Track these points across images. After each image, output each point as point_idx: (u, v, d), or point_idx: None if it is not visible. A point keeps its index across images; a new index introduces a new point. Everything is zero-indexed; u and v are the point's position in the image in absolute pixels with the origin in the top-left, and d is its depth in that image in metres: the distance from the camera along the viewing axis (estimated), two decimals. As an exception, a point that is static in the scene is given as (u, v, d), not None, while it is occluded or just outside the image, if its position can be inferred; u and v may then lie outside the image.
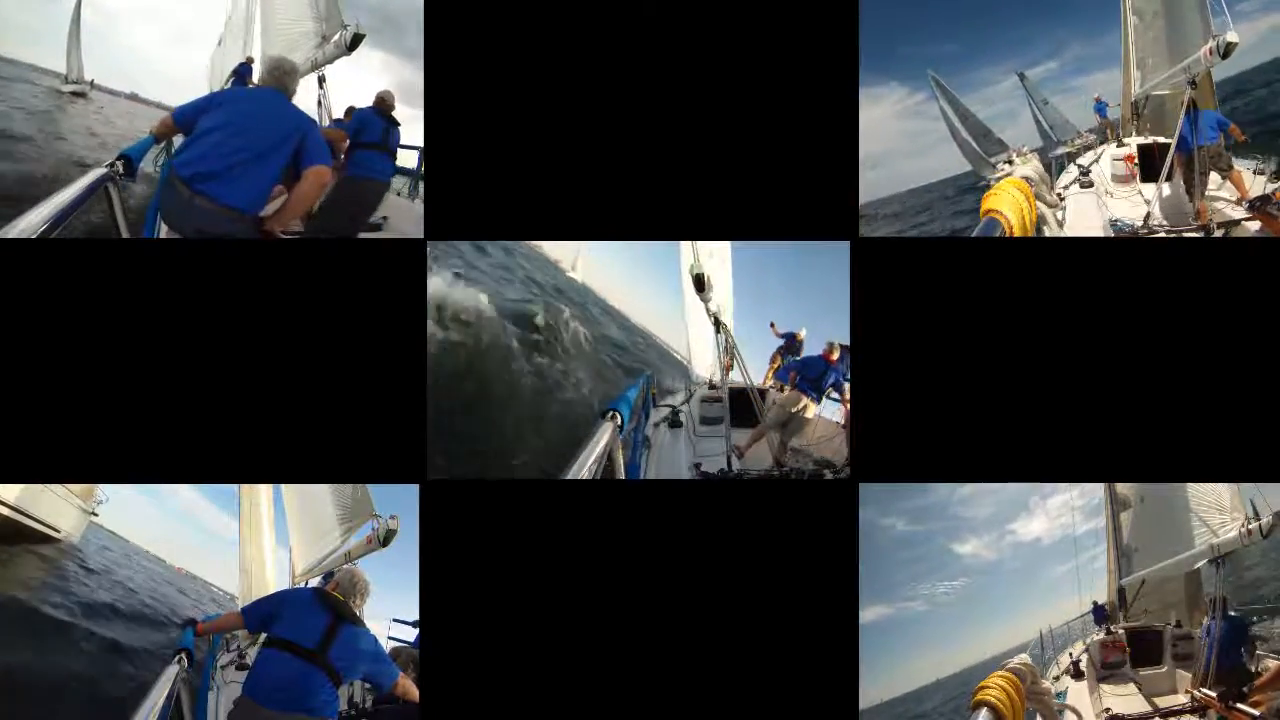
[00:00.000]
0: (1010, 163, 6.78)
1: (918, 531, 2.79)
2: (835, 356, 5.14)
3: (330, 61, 4.69)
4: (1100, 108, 6.43)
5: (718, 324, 4.34)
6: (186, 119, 3.28)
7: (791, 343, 6.91)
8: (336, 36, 4.62)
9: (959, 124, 6.78)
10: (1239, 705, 3.43)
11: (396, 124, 4.51)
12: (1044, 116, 7.01)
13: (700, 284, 3.57)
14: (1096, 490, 5.17)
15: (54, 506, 5.79)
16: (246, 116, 3.22)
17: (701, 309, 4.49)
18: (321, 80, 4.74)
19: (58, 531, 5.77)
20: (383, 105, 4.50)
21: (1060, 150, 6.65)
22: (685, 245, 3.76)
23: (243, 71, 5.82)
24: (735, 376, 5.28)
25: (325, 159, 3.28)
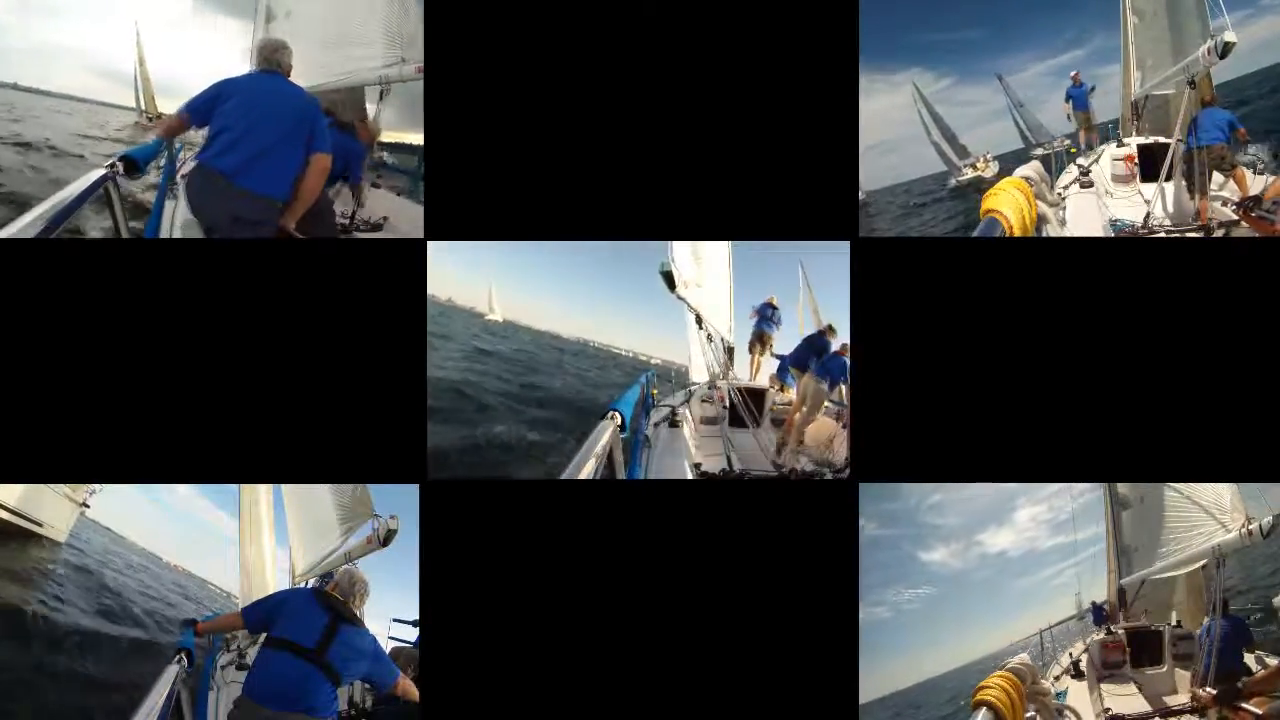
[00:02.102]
0: (974, 167, 6.85)
1: (885, 536, 2.80)
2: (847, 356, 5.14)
3: (403, 81, 4.66)
4: (1078, 94, 6.27)
5: (699, 320, 4.34)
6: (201, 112, 3.42)
7: (766, 312, 6.91)
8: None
9: (932, 126, 6.82)
10: (1243, 705, 3.43)
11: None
12: (1021, 119, 7.05)
13: (670, 282, 3.56)
14: (1066, 506, 5.19)
15: (43, 500, 5.70)
16: (263, 104, 3.37)
17: (709, 309, 4.50)
18: (382, 95, 4.73)
19: (40, 525, 5.70)
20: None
21: (1036, 153, 6.67)
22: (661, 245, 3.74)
23: None
24: (734, 376, 5.29)
25: (327, 146, 3.44)
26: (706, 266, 4.15)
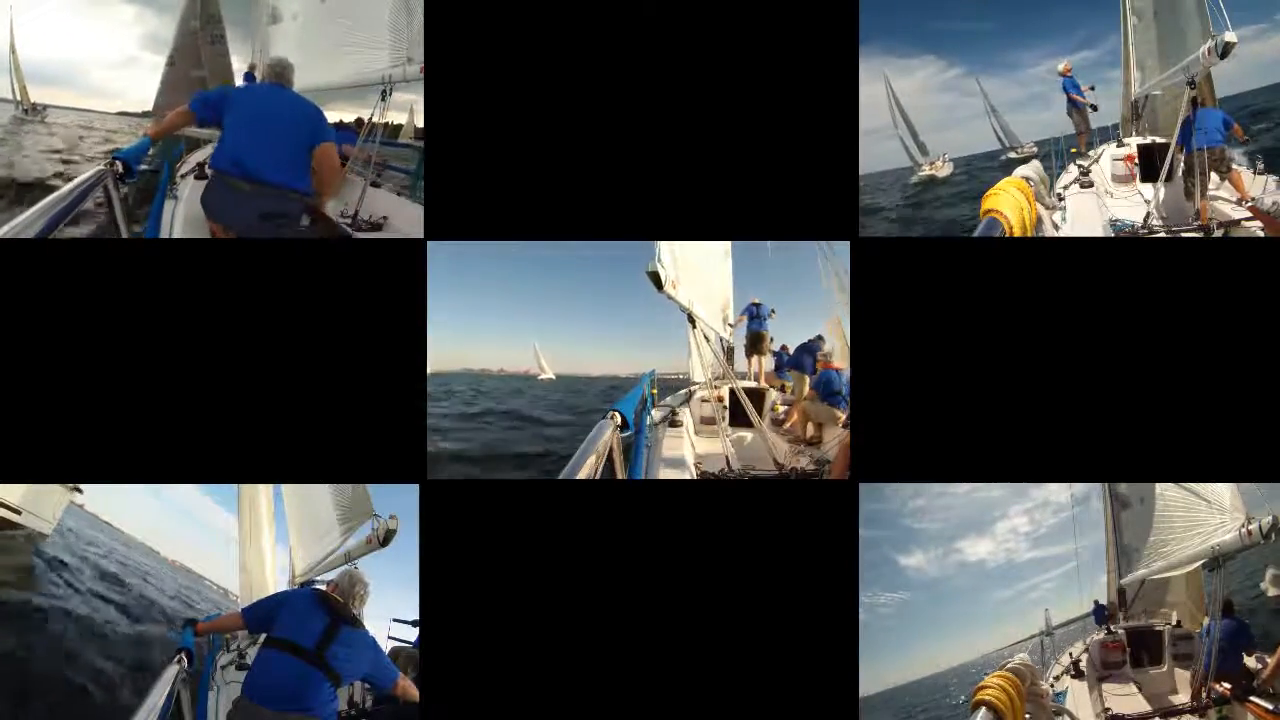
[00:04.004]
0: (932, 165, 6.91)
1: (865, 537, 2.83)
2: (838, 363, 5.21)
3: (407, 81, 4.70)
4: (1071, 86, 6.21)
5: (692, 320, 4.33)
6: (205, 109, 3.62)
7: (751, 311, 6.93)
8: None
9: (900, 120, 6.85)
10: (1254, 699, 3.44)
11: None
12: (996, 123, 7.10)
13: (657, 282, 3.57)
14: (1047, 520, 5.20)
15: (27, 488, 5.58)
16: (270, 107, 3.60)
17: (701, 309, 4.49)
18: (385, 94, 4.76)
19: (18, 514, 5.60)
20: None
21: (1007, 157, 6.75)
22: (662, 246, 3.72)
23: (247, 77, 5.85)
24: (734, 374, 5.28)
25: (330, 135, 3.69)
26: (684, 266, 4.11)
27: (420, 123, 4.73)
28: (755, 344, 6.85)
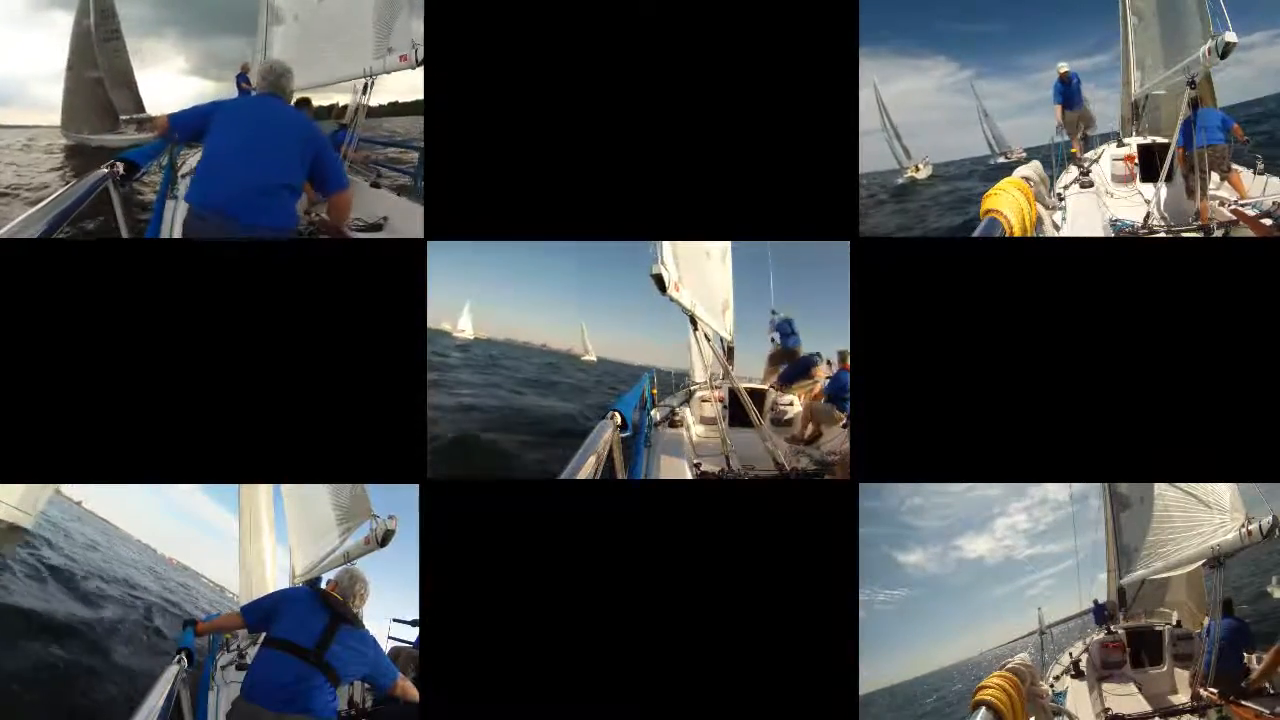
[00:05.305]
0: (918, 169, 6.93)
1: (864, 534, 2.84)
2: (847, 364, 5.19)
3: (388, 72, 4.69)
4: (1069, 92, 6.17)
5: (694, 321, 4.33)
6: (187, 129, 3.36)
7: (785, 328, 6.91)
8: (410, 52, 4.56)
9: (888, 124, 6.85)
10: (1244, 701, 3.44)
11: None
12: (988, 128, 7.10)
13: (661, 284, 3.57)
14: (1046, 516, 5.20)
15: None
16: (259, 133, 3.22)
17: (703, 309, 4.49)
18: (367, 87, 4.74)
19: None
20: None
21: (996, 162, 6.79)
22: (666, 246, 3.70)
23: (240, 79, 5.84)
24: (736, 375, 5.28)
25: (344, 182, 3.45)
26: (686, 267, 4.11)
27: (366, 101, 4.75)
28: (787, 358, 6.77)
